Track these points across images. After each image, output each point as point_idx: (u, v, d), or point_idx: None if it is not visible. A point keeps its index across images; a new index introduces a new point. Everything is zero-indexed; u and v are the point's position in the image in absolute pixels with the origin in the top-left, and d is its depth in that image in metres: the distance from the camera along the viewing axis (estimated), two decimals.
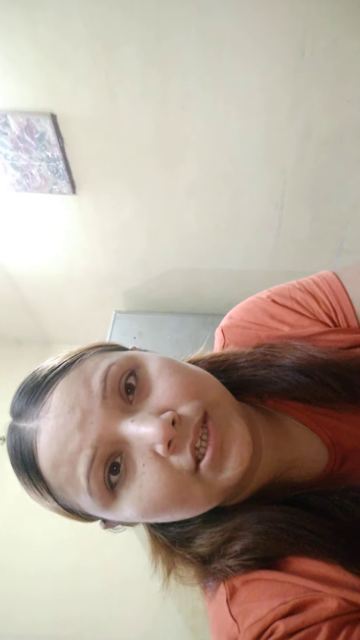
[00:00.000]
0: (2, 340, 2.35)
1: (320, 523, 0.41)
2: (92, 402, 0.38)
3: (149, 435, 0.37)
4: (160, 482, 0.38)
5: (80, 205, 1.47)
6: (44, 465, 0.39)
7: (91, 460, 0.37)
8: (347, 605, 0.36)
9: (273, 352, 0.49)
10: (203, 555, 0.44)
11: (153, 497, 0.38)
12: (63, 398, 0.39)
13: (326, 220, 1.44)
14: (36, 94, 1.17)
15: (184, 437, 0.38)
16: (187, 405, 0.39)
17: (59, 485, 0.39)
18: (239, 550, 0.41)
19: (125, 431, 0.38)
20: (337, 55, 1.04)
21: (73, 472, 0.38)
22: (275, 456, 0.47)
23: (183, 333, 1.77)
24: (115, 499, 0.39)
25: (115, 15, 1.00)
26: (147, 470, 0.38)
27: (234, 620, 0.39)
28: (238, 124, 1.20)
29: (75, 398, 0.39)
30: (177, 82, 1.11)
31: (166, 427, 0.37)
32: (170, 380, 0.40)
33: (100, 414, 0.38)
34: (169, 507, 0.38)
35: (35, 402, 0.40)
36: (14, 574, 1.79)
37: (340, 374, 0.48)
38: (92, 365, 0.41)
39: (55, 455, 0.38)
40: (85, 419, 0.38)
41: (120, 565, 1.72)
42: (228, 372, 0.49)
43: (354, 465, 0.48)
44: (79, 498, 0.39)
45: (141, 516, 0.39)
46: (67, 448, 0.38)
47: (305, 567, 0.40)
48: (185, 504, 0.39)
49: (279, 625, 0.36)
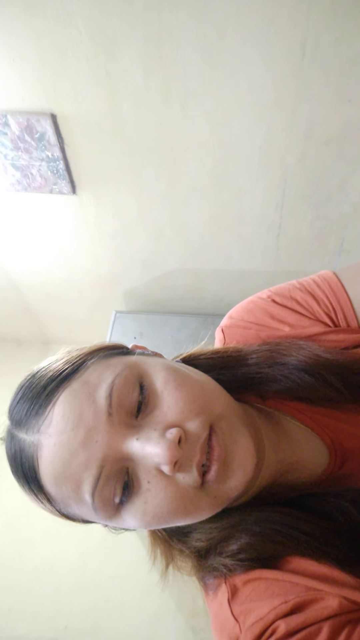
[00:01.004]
0: (2, 341, 2.35)
1: (317, 524, 0.41)
2: (97, 420, 0.37)
3: (155, 455, 0.37)
4: (165, 499, 0.38)
5: (81, 205, 1.47)
6: (47, 480, 0.38)
7: (96, 479, 0.37)
8: (348, 604, 0.36)
9: (279, 350, 0.49)
10: (200, 549, 0.44)
11: (157, 512, 0.38)
12: (66, 414, 0.37)
13: (327, 220, 1.44)
14: (36, 94, 1.17)
15: (191, 456, 0.38)
16: (193, 422, 0.39)
17: (62, 500, 0.39)
18: (235, 549, 0.41)
19: (131, 449, 0.38)
20: (338, 54, 1.04)
21: (77, 490, 0.37)
22: (276, 457, 0.47)
23: (183, 333, 1.77)
24: (119, 513, 0.39)
25: (115, 14, 1.00)
26: (152, 487, 0.38)
27: (235, 620, 0.39)
28: (239, 124, 1.19)
29: (80, 414, 0.37)
30: (178, 81, 1.11)
31: (172, 448, 0.36)
32: (176, 395, 0.39)
33: (105, 432, 0.37)
34: (173, 519, 0.39)
35: (36, 414, 0.39)
36: (14, 574, 1.78)
37: (344, 375, 0.47)
38: (96, 377, 0.39)
39: (59, 472, 0.37)
40: (90, 437, 0.37)
41: (121, 565, 1.72)
42: (232, 368, 0.49)
43: (354, 465, 0.48)
44: (81, 511, 0.39)
45: (144, 526, 0.40)
46: (70, 466, 0.37)
47: (306, 566, 0.40)
48: (190, 515, 0.39)
49: (280, 625, 0.36)
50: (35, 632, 1.67)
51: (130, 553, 1.67)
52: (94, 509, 0.38)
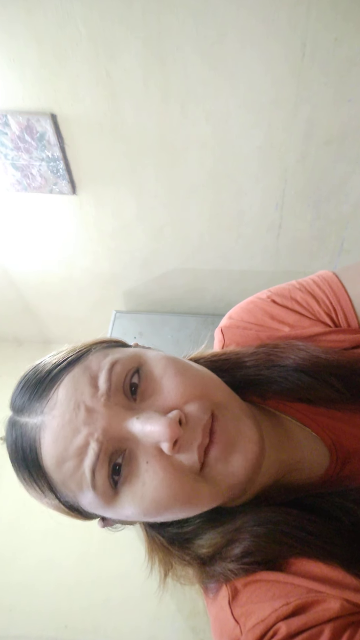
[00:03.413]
0: (2, 340, 2.35)
1: (321, 525, 0.41)
2: (97, 402, 0.39)
3: (155, 433, 0.37)
4: (164, 480, 0.37)
5: (81, 205, 1.47)
6: (48, 461, 0.39)
7: (97, 454, 0.37)
8: (349, 606, 0.36)
9: (277, 352, 0.49)
10: (203, 556, 0.43)
11: (156, 496, 0.37)
12: (69, 394, 0.39)
13: (327, 220, 1.44)
14: (36, 94, 1.17)
15: (192, 437, 0.38)
16: (193, 404, 0.39)
17: (62, 481, 0.39)
18: (239, 553, 0.41)
19: (131, 428, 0.38)
20: (338, 54, 1.04)
21: (79, 466, 0.38)
22: (277, 457, 0.47)
23: (183, 333, 1.77)
24: (117, 496, 0.39)
25: (115, 15, 1.00)
26: (150, 468, 0.38)
27: (236, 622, 0.39)
28: (239, 124, 1.19)
29: (81, 395, 0.39)
30: (178, 81, 1.11)
31: (173, 426, 0.36)
32: (175, 380, 0.40)
33: (105, 412, 0.38)
34: (172, 506, 0.38)
35: (39, 397, 0.40)
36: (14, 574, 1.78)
37: (344, 375, 0.47)
38: (97, 362, 0.41)
39: (61, 451, 0.38)
40: (91, 416, 0.38)
41: (121, 565, 1.72)
42: (231, 371, 0.49)
43: (355, 466, 0.48)
44: (81, 494, 0.39)
45: (143, 514, 0.39)
46: (73, 443, 0.38)
47: (308, 568, 0.40)
48: (189, 502, 0.38)
49: (282, 627, 0.36)
50: (35, 631, 1.67)
51: (130, 552, 1.67)
52: (93, 487, 0.38)
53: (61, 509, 0.42)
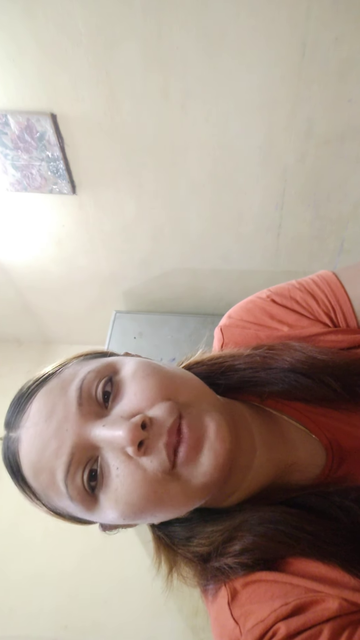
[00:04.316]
0: (2, 340, 2.35)
1: (321, 525, 0.41)
2: (67, 410, 0.39)
3: (118, 438, 0.37)
4: (134, 483, 0.38)
5: (81, 205, 1.47)
6: (27, 472, 0.40)
7: (67, 467, 0.38)
8: (348, 606, 0.36)
9: (272, 354, 0.49)
10: (202, 554, 0.44)
11: (129, 500, 0.38)
12: (40, 407, 0.40)
13: (327, 220, 1.44)
14: (36, 94, 1.17)
15: (157, 438, 0.38)
16: (158, 407, 0.39)
17: (43, 491, 0.40)
18: (238, 550, 0.41)
19: (98, 435, 0.38)
20: (338, 54, 1.04)
21: (53, 479, 0.39)
22: (271, 456, 0.46)
23: (183, 333, 1.77)
24: (97, 503, 0.39)
25: (115, 13, 1.00)
26: (120, 473, 0.38)
27: (235, 623, 0.39)
28: (238, 123, 1.19)
29: (52, 407, 0.40)
30: (178, 80, 1.11)
31: (133, 429, 0.37)
32: (142, 383, 0.40)
33: (75, 421, 0.39)
34: (146, 508, 0.38)
35: (18, 412, 0.42)
36: (14, 574, 1.79)
37: (340, 375, 0.47)
38: (71, 373, 0.42)
39: (35, 462, 0.39)
40: (61, 427, 0.39)
41: (121, 565, 1.72)
42: (227, 374, 0.49)
43: (353, 466, 0.48)
44: (62, 503, 0.40)
45: (122, 518, 0.39)
46: (44, 455, 0.39)
47: (306, 568, 0.40)
48: (163, 503, 0.38)
49: (281, 627, 0.36)
50: (35, 632, 1.67)
51: (131, 553, 1.67)
52: (69, 498, 0.39)
53: (53, 515, 0.43)
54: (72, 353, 0.47)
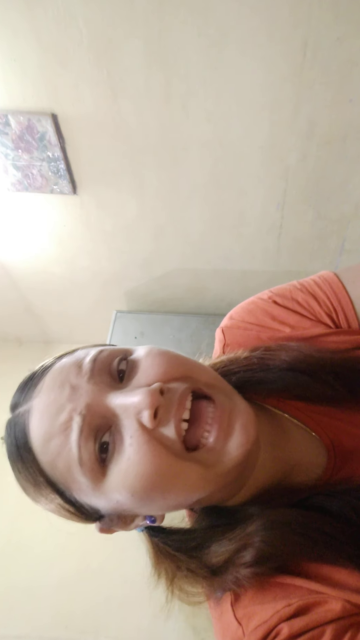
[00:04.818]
0: (3, 340, 2.35)
1: (336, 526, 0.41)
2: (81, 379, 0.40)
3: (136, 403, 0.37)
4: (147, 453, 0.37)
5: (82, 205, 1.47)
6: (36, 442, 0.40)
7: (81, 427, 0.38)
8: (351, 608, 0.36)
9: (270, 355, 0.49)
10: (213, 565, 0.42)
11: (140, 470, 0.37)
12: (54, 378, 0.41)
13: (328, 220, 1.44)
14: (37, 94, 1.17)
15: (169, 407, 0.38)
16: (175, 382, 0.40)
17: (50, 462, 0.39)
18: (252, 558, 0.40)
19: (113, 402, 0.39)
20: (340, 54, 1.03)
21: (65, 442, 0.38)
22: (273, 455, 0.46)
23: (185, 333, 1.77)
24: (105, 477, 0.39)
25: (116, 13, 1.00)
26: (134, 441, 0.37)
27: (238, 623, 0.39)
28: (240, 123, 1.19)
29: (66, 376, 0.41)
30: (179, 80, 1.11)
31: (153, 393, 0.37)
32: (158, 359, 0.41)
33: (88, 387, 0.40)
34: (157, 484, 0.38)
35: (29, 389, 0.42)
36: (14, 574, 1.79)
37: (339, 372, 0.47)
38: (84, 351, 0.43)
39: (47, 427, 0.39)
40: (75, 392, 0.39)
41: (121, 565, 1.72)
42: (226, 376, 0.49)
43: (355, 465, 0.48)
44: (70, 474, 0.39)
45: (131, 494, 0.38)
46: (58, 419, 0.39)
47: (309, 569, 0.40)
48: (176, 481, 0.38)
49: (283, 628, 0.36)
50: (35, 632, 1.68)
51: (131, 552, 1.67)
52: (80, 463, 0.38)
53: (56, 503, 0.42)
54: None
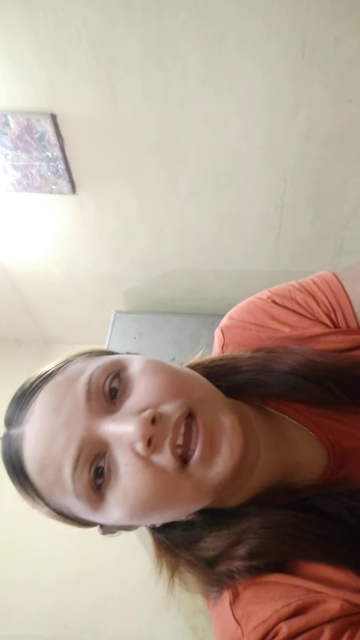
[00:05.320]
0: (2, 340, 2.35)
1: (329, 527, 0.41)
2: (75, 405, 0.39)
3: (128, 433, 0.37)
4: (143, 481, 0.37)
5: (81, 205, 1.47)
6: (31, 468, 0.39)
7: (75, 461, 0.37)
8: (349, 607, 0.36)
9: (273, 357, 0.49)
10: (208, 558, 0.43)
11: (138, 496, 0.37)
12: (46, 401, 0.39)
13: (327, 220, 1.44)
14: (36, 94, 1.17)
15: (163, 435, 0.38)
16: (169, 404, 0.39)
17: (47, 488, 0.39)
18: (245, 553, 0.41)
19: (107, 431, 0.38)
20: (338, 54, 1.04)
21: (59, 474, 0.38)
22: (274, 456, 0.46)
23: (184, 333, 1.77)
24: (103, 501, 0.38)
25: (115, 15, 1.00)
26: (130, 470, 0.37)
27: (237, 623, 0.39)
28: (239, 124, 1.19)
29: (60, 401, 0.39)
30: (178, 81, 1.11)
31: (144, 424, 0.36)
32: (152, 379, 0.40)
33: (83, 416, 0.38)
34: (155, 505, 0.38)
35: (21, 409, 0.41)
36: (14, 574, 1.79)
37: (340, 378, 0.47)
38: (78, 369, 0.41)
39: (40, 457, 0.38)
40: (69, 420, 0.38)
41: (121, 564, 1.72)
42: (228, 376, 0.49)
43: (354, 467, 0.48)
44: (67, 501, 0.39)
45: (130, 517, 0.38)
46: (51, 449, 0.38)
47: (308, 569, 0.40)
48: (173, 501, 0.38)
49: (283, 627, 0.36)
50: (35, 631, 1.68)
51: (131, 553, 1.67)
52: (75, 495, 0.38)
53: (54, 516, 0.42)
54: (73, 352, 0.47)
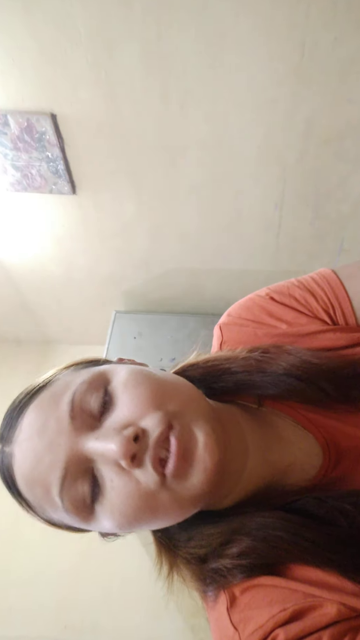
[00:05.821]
0: (2, 340, 2.35)
1: (319, 530, 0.41)
2: (60, 424, 0.39)
3: (111, 451, 0.37)
4: (127, 496, 0.38)
5: (80, 205, 1.47)
6: (21, 487, 0.40)
7: (62, 481, 0.38)
8: (346, 611, 0.36)
9: (267, 358, 0.49)
10: (200, 555, 0.44)
11: (123, 511, 0.38)
12: (31, 422, 0.40)
13: (326, 220, 1.44)
14: (36, 94, 1.17)
15: (145, 450, 0.38)
16: (148, 418, 0.39)
17: (38, 504, 0.41)
18: (235, 552, 0.41)
19: (91, 449, 0.38)
20: (338, 53, 1.04)
21: (47, 493, 0.39)
22: (266, 458, 0.46)
23: (183, 333, 1.77)
24: (93, 514, 0.39)
25: (114, 14, 1.00)
26: (115, 485, 0.38)
27: (234, 629, 0.39)
28: (238, 123, 1.20)
29: (45, 421, 0.39)
30: (177, 80, 1.12)
31: (126, 443, 0.37)
32: (133, 393, 0.40)
33: (67, 435, 0.39)
34: (141, 519, 0.39)
35: (10, 427, 0.42)
36: (14, 574, 1.78)
37: (334, 378, 0.47)
38: (63, 385, 0.42)
39: (28, 477, 0.39)
40: (53, 442, 0.39)
41: (121, 565, 1.72)
42: (223, 376, 0.49)
43: (349, 465, 0.48)
44: (58, 515, 0.40)
45: (118, 528, 0.39)
46: (38, 470, 0.39)
47: (305, 572, 0.40)
48: (157, 514, 0.39)
49: (279, 634, 0.35)
50: (34, 632, 1.67)
51: (130, 553, 1.67)
52: (65, 511, 0.39)
53: (52, 526, 0.44)
54: (69, 355, 0.47)
